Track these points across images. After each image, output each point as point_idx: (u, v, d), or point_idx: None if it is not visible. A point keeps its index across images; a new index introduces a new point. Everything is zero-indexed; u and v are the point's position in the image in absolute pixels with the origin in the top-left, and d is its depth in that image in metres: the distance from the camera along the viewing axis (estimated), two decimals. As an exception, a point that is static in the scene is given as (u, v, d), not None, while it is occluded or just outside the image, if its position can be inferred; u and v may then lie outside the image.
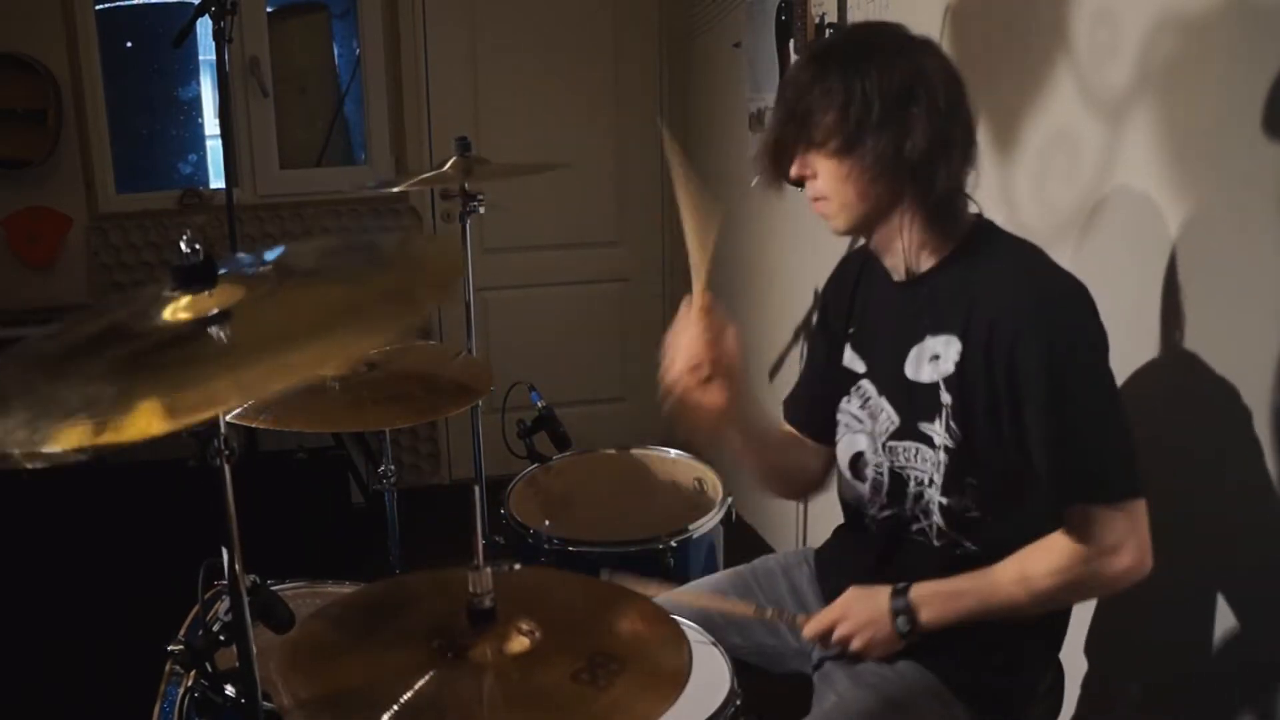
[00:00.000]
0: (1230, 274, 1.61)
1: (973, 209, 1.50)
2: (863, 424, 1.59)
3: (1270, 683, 1.57)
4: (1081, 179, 1.90)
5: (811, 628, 1.54)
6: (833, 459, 1.69)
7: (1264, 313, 1.53)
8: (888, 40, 1.45)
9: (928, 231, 1.47)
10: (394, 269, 1.25)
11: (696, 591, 1.75)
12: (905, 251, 1.49)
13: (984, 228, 1.51)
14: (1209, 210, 1.64)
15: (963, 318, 1.44)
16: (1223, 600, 1.65)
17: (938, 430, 1.47)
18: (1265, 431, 1.55)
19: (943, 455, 1.47)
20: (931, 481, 1.49)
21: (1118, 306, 1.65)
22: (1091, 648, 1.87)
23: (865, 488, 1.59)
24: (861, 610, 1.50)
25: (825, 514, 2.88)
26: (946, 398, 1.46)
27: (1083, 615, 1.85)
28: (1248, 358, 1.57)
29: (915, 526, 1.53)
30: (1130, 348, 1.77)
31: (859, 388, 1.60)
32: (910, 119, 1.38)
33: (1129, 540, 1.37)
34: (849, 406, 1.61)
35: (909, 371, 1.51)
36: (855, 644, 1.50)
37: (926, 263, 1.49)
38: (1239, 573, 1.63)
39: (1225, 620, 1.64)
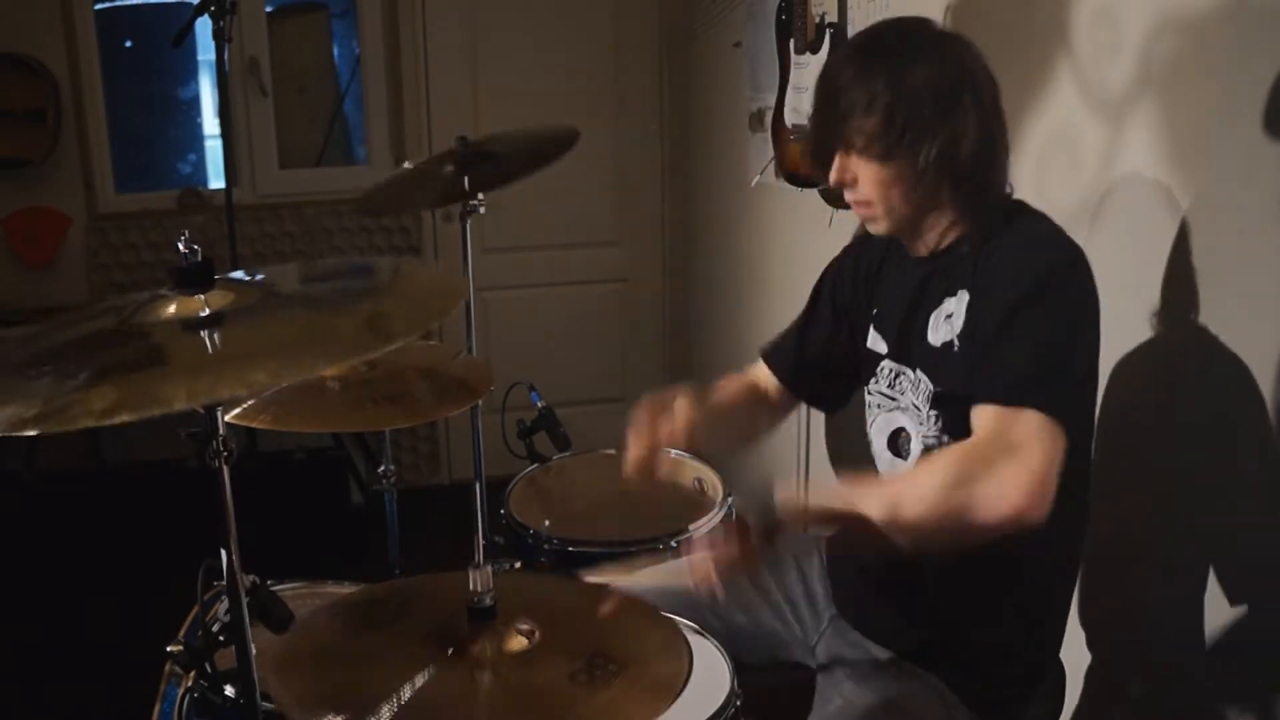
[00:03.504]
0: (1230, 273, 1.60)
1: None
2: (896, 400, 1.57)
3: (1271, 681, 1.57)
4: (1082, 179, 1.90)
5: (695, 579, 1.40)
6: (789, 409, 1.79)
7: (1264, 312, 1.53)
8: (931, 38, 1.44)
9: (961, 217, 1.48)
10: (376, 298, 1.27)
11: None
12: (937, 234, 1.49)
13: (1014, 206, 1.50)
14: (1209, 210, 1.64)
15: (971, 272, 1.44)
16: (1224, 599, 1.65)
17: (949, 385, 1.46)
18: (1266, 430, 1.55)
19: (955, 408, 1.44)
20: (942, 438, 1.47)
21: (1118, 305, 1.65)
22: (1092, 647, 1.87)
23: (909, 463, 1.56)
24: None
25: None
26: (957, 352, 1.45)
27: (1084, 615, 1.86)
28: (1248, 357, 1.57)
29: None
30: (1130, 347, 1.77)
31: (883, 368, 1.59)
32: (958, 124, 1.38)
33: (1029, 455, 1.25)
34: (876, 388, 1.61)
35: (931, 338, 1.50)
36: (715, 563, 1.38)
37: (950, 238, 1.50)
38: (1241, 572, 1.63)
39: (1226, 619, 1.64)
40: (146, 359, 1.06)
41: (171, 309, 1.09)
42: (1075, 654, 1.85)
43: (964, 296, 1.45)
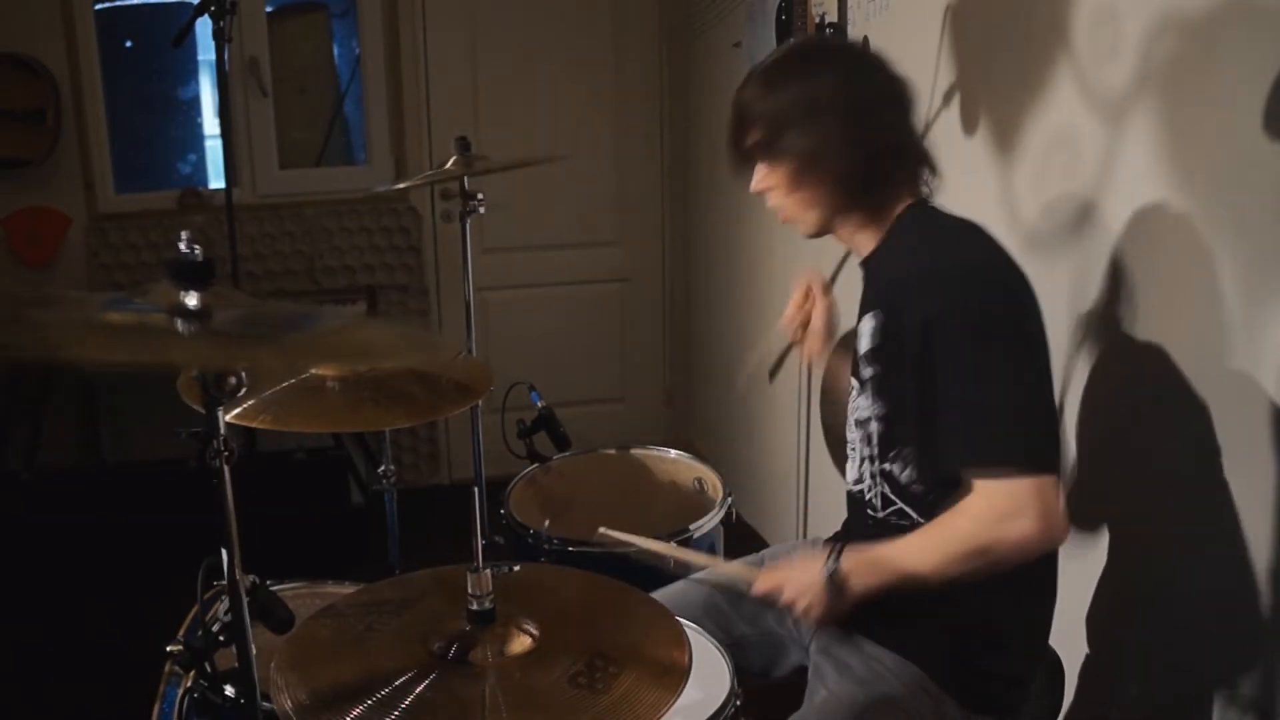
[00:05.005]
0: (1230, 274, 1.60)
1: (924, 192, 1.58)
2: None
3: (1270, 681, 1.57)
4: (1081, 179, 1.90)
5: (759, 586, 1.57)
6: None
7: (1264, 312, 1.53)
8: (813, 56, 1.57)
9: (864, 224, 1.57)
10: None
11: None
12: (856, 240, 1.60)
13: (914, 209, 1.56)
14: (1209, 210, 1.64)
15: (881, 291, 1.53)
16: (1223, 599, 1.65)
17: (864, 405, 1.54)
18: (1268, 431, 1.55)
19: (875, 426, 1.53)
20: (872, 456, 1.55)
21: (1117, 306, 1.66)
22: (1090, 647, 1.87)
23: (851, 470, 1.66)
24: (800, 576, 1.53)
25: (824, 512, 2.88)
26: (868, 370, 1.52)
27: (1082, 613, 1.86)
28: (1249, 357, 1.57)
29: (868, 497, 1.59)
30: (1130, 347, 1.77)
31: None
32: (821, 130, 1.49)
33: (1028, 509, 1.36)
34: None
35: (858, 349, 1.57)
36: (797, 608, 1.53)
37: (867, 247, 1.59)
38: (1240, 571, 1.63)
39: (1225, 618, 1.64)
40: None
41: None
42: (1074, 653, 1.85)
43: (876, 316, 1.51)
